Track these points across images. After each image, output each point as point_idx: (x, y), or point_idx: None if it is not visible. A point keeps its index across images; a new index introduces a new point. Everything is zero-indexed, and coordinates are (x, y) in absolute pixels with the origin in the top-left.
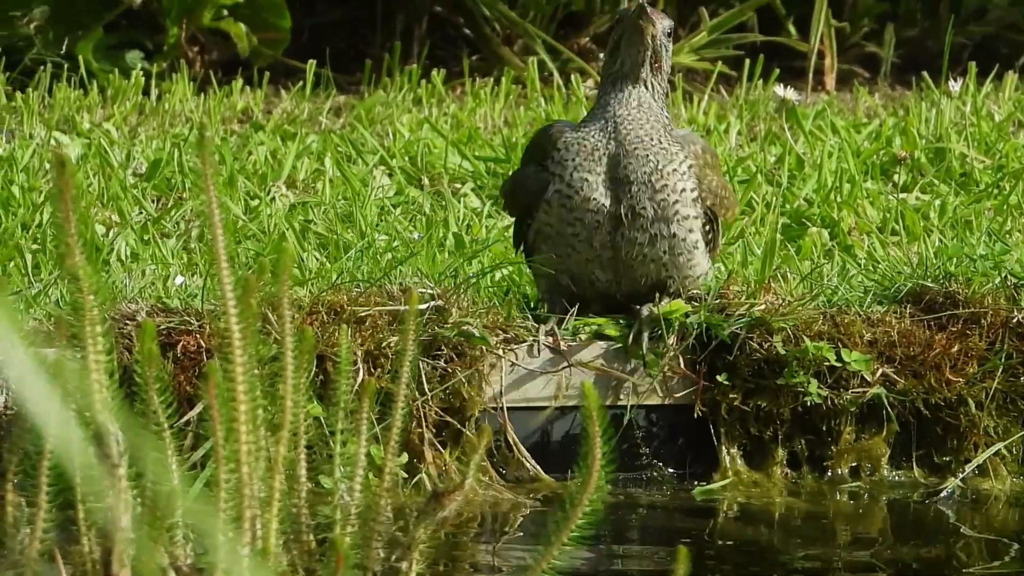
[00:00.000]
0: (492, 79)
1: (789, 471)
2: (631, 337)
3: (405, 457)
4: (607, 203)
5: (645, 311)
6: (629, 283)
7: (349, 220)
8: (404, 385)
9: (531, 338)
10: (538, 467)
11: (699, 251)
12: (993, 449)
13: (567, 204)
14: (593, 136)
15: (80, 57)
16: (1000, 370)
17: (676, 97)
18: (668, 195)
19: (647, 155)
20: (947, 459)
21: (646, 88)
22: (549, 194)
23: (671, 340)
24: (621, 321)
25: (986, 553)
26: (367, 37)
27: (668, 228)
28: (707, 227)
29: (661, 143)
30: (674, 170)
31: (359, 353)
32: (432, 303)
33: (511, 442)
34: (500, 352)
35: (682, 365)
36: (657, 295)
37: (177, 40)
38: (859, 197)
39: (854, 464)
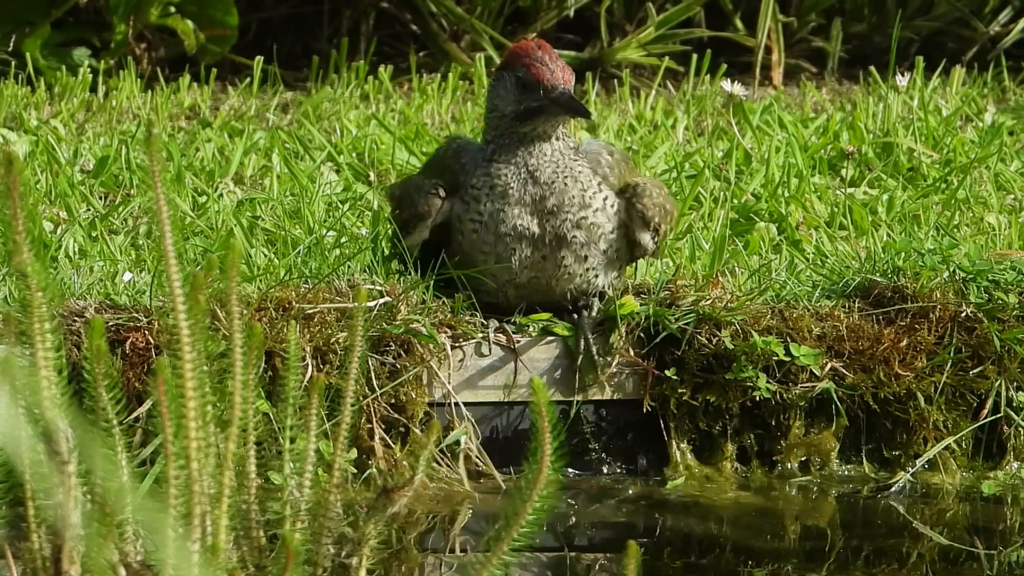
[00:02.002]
0: (439, 75)
1: (739, 465)
2: (580, 350)
3: (354, 453)
4: (528, 231)
5: (584, 323)
6: (545, 296)
7: (297, 216)
8: (353, 381)
9: (480, 335)
10: (489, 462)
11: (619, 260)
12: (943, 444)
13: (478, 232)
14: (507, 174)
15: (27, 54)
16: (949, 364)
17: (623, 92)
18: (591, 216)
19: (566, 186)
20: (896, 453)
21: (557, 139)
22: (463, 223)
23: (621, 330)
24: (565, 322)
25: (936, 547)
26: (314, 33)
27: (596, 247)
28: (630, 239)
29: (574, 171)
30: (594, 193)
31: (307, 349)
32: (380, 300)
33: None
34: (448, 349)
35: (631, 353)
36: (588, 298)
37: (124, 37)
38: (807, 192)
39: (804, 458)
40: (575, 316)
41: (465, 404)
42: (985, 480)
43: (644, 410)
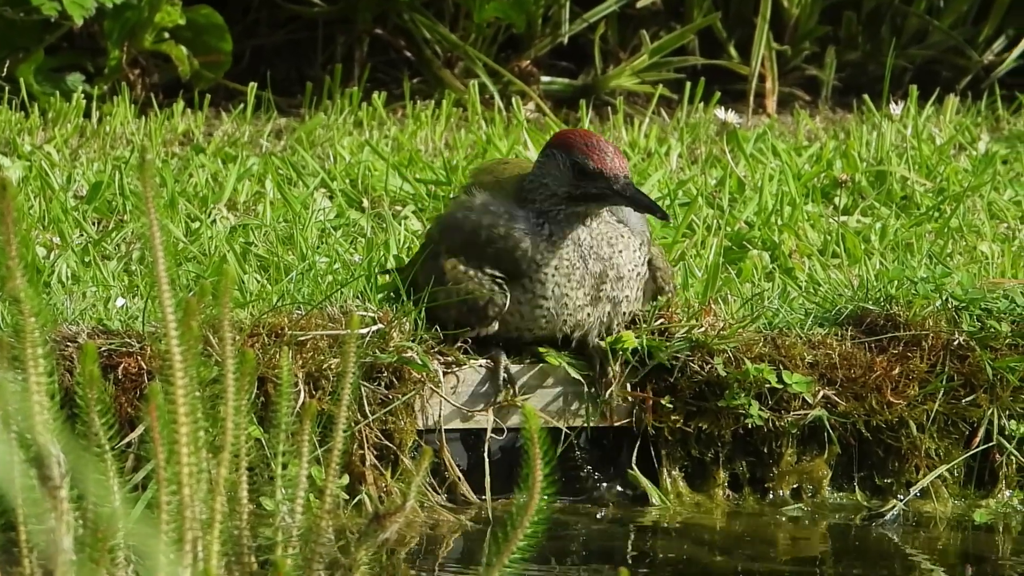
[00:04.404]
0: (433, 102)
1: (731, 493)
2: (597, 374)
3: (346, 479)
4: (587, 302)
5: (595, 341)
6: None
7: (290, 242)
8: (345, 407)
9: (471, 362)
10: (470, 491)
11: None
12: (936, 472)
13: (542, 309)
14: (572, 256)
15: (21, 80)
16: (941, 392)
17: (617, 120)
18: (636, 279)
19: (622, 258)
20: (888, 481)
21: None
22: (523, 304)
23: (615, 367)
24: (563, 353)
25: (928, 575)
26: (308, 60)
27: (630, 304)
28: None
29: (624, 239)
30: (638, 257)
31: (300, 375)
32: (373, 327)
33: (448, 466)
34: (440, 376)
35: (628, 388)
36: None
37: (118, 63)
38: (800, 220)
39: (796, 486)
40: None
41: (457, 431)
42: (977, 508)
43: (637, 437)
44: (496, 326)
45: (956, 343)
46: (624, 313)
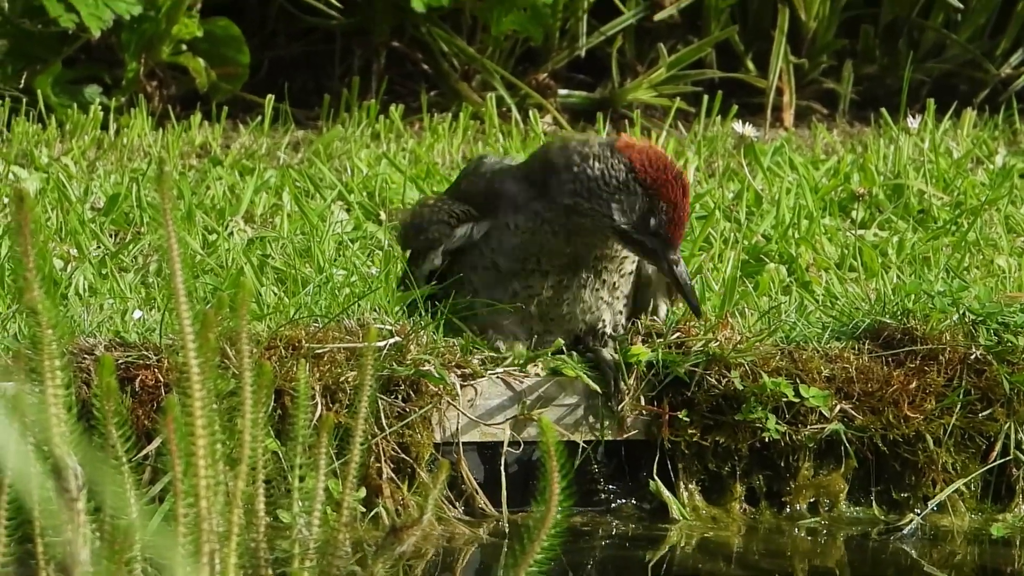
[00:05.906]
0: (450, 114)
1: (747, 507)
2: (612, 389)
3: (363, 492)
4: (560, 263)
5: (608, 355)
6: (555, 334)
7: (307, 255)
8: (362, 420)
9: (489, 374)
10: (487, 504)
11: (627, 302)
12: (953, 487)
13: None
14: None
15: (39, 91)
16: (958, 406)
17: (634, 133)
18: (623, 261)
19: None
20: (905, 495)
21: None
22: (491, 240)
23: (631, 379)
24: (578, 361)
25: None
26: (326, 72)
27: (622, 291)
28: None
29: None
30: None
31: (317, 388)
32: (391, 340)
33: (465, 479)
34: (458, 389)
35: (642, 402)
36: (604, 335)
37: (136, 75)
38: (817, 233)
39: (812, 500)
40: (595, 350)
41: (474, 444)
42: (994, 522)
43: (654, 450)
44: (438, 261)
45: (973, 357)
46: (616, 302)
